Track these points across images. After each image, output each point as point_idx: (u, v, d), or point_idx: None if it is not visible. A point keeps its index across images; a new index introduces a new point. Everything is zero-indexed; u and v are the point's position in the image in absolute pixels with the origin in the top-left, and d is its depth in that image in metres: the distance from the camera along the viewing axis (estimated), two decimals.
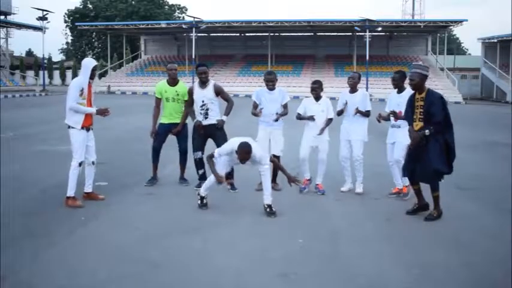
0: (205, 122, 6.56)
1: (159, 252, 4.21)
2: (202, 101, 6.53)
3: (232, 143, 5.43)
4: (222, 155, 5.51)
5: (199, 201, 5.69)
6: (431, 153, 5.15)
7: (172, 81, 6.73)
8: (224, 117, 6.57)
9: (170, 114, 6.74)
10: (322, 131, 6.40)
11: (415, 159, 5.31)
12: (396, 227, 5.12)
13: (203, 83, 6.56)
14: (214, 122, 6.54)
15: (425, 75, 5.32)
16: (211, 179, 5.58)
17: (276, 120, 6.46)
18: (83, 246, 4.34)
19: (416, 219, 5.33)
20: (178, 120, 6.74)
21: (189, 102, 6.68)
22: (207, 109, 6.54)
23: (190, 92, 6.64)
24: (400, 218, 5.36)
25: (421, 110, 5.26)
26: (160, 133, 6.77)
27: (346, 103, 6.46)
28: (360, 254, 4.30)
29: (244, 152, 5.24)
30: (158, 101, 6.80)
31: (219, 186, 5.64)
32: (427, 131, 5.15)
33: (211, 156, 5.53)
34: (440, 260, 4.16)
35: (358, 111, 6.36)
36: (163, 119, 6.77)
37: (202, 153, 6.62)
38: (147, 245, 4.38)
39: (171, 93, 6.68)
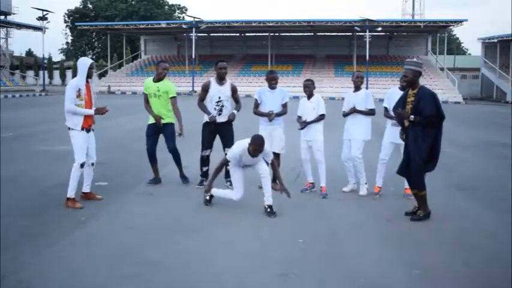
0: (218, 119, 6.59)
1: (159, 252, 4.21)
2: (219, 97, 6.57)
3: (242, 143, 5.49)
4: (236, 157, 5.53)
5: (207, 197, 5.75)
6: (416, 150, 5.20)
7: (157, 79, 6.70)
8: (235, 111, 6.64)
9: (157, 113, 6.64)
10: (307, 124, 6.38)
11: (406, 163, 5.36)
12: (396, 227, 5.12)
13: (221, 79, 6.61)
14: (226, 120, 6.61)
15: (419, 72, 5.33)
16: (235, 194, 5.64)
17: (271, 120, 6.47)
18: (83, 246, 4.34)
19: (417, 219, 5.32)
20: (167, 119, 6.68)
21: (201, 97, 6.69)
22: (222, 106, 6.58)
23: (206, 88, 6.65)
24: (401, 219, 5.36)
25: (411, 106, 5.29)
26: (150, 134, 6.75)
27: (354, 107, 6.41)
28: (360, 254, 4.30)
29: (258, 145, 5.30)
30: (145, 96, 6.79)
31: (205, 194, 5.79)
32: (412, 116, 5.20)
33: (226, 162, 5.63)
34: (441, 260, 4.16)
35: (355, 110, 6.35)
36: (151, 120, 6.73)
37: (211, 151, 6.64)
38: (147, 245, 4.38)
39: (153, 89, 6.65)
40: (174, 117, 6.73)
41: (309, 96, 6.52)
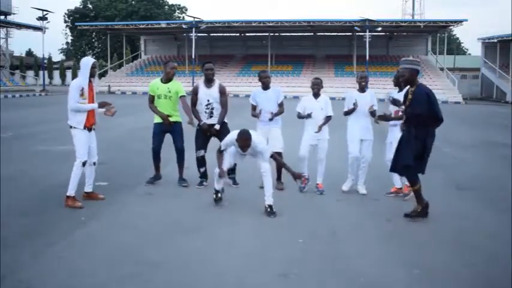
0: (209, 121, 6.61)
1: (159, 252, 4.21)
2: (208, 100, 6.57)
3: (233, 134, 5.53)
4: (228, 147, 5.60)
5: (214, 195, 5.74)
6: (405, 148, 5.22)
7: (166, 79, 6.71)
8: (217, 126, 6.61)
9: (166, 113, 6.64)
10: (320, 128, 6.40)
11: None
12: (396, 227, 5.12)
13: (209, 82, 6.61)
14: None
15: (415, 70, 5.31)
16: (215, 171, 5.63)
17: (271, 119, 6.48)
18: (83, 246, 4.34)
19: (416, 219, 5.32)
20: (174, 118, 6.69)
21: (193, 102, 6.68)
22: (212, 108, 6.59)
23: (195, 91, 6.66)
24: (401, 219, 5.35)
25: (408, 104, 5.30)
26: (157, 133, 6.74)
27: (356, 102, 6.36)
28: (360, 254, 4.30)
29: (243, 139, 5.32)
30: (151, 97, 6.75)
31: (219, 180, 5.66)
32: (402, 106, 5.32)
33: (219, 150, 5.64)
34: (441, 260, 4.16)
35: (372, 111, 6.30)
36: (158, 119, 6.72)
37: (205, 152, 6.65)
38: (147, 245, 4.38)
39: (163, 91, 6.64)
40: (180, 116, 6.74)
41: (316, 94, 6.51)
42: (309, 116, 6.41)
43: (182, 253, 4.23)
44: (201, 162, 6.70)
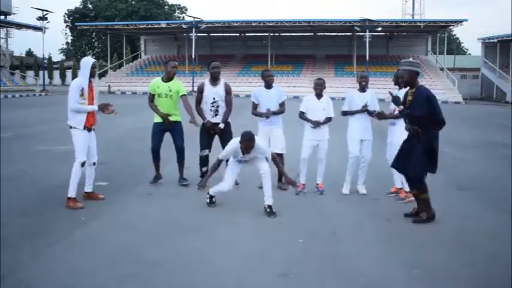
0: (214, 120, 6.62)
1: (159, 252, 4.22)
2: (214, 98, 6.58)
3: (234, 141, 5.53)
4: (229, 155, 5.59)
5: (208, 200, 5.74)
6: (415, 155, 5.17)
7: (167, 78, 6.71)
8: (221, 125, 6.62)
9: (167, 112, 6.64)
10: (318, 124, 6.37)
11: (402, 156, 5.36)
12: (396, 227, 5.12)
13: (214, 80, 6.62)
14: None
15: (415, 72, 5.28)
16: (223, 185, 5.62)
17: (267, 117, 6.48)
18: (83, 246, 4.34)
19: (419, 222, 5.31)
20: (174, 118, 6.68)
21: (198, 100, 6.69)
22: (218, 106, 6.60)
23: (201, 89, 6.66)
24: (401, 219, 5.36)
25: (408, 106, 5.29)
26: (156, 132, 6.73)
27: (366, 104, 6.35)
28: (360, 254, 4.30)
29: (247, 140, 5.32)
30: (151, 96, 6.74)
31: (216, 187, 5.68)
32: (401, 106, 5.32)
33: (218, 160, 5.62)
34: (441, 260, 4.16)
35: (367, 110, 6.30)
36: (157, 118, 6.71)
37: (209, 151, 6.66)
38: (147, 245, 4.38)
39: (164, 89, 6.63)
40: (180, 116, 6.74)
41: (319, 95, 6.51)
42: (316, 124, 6.36)
43: (182, 253, 4.23)
44: (204, 161, 6.70)
